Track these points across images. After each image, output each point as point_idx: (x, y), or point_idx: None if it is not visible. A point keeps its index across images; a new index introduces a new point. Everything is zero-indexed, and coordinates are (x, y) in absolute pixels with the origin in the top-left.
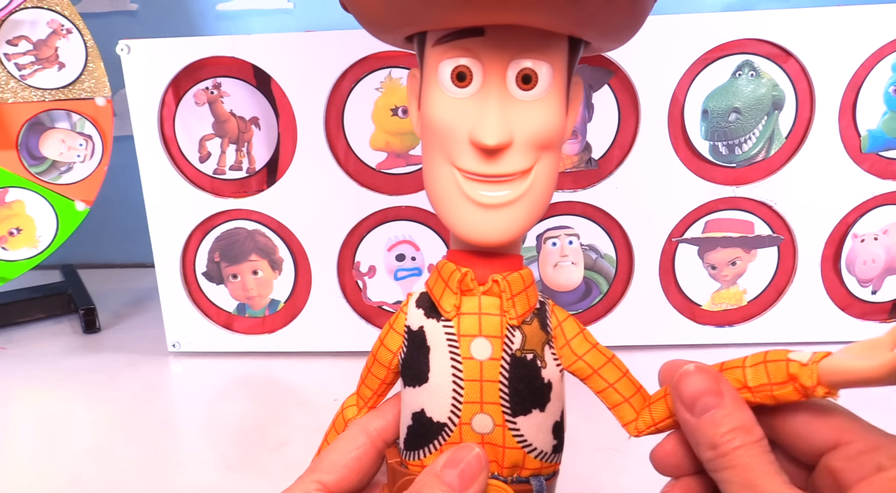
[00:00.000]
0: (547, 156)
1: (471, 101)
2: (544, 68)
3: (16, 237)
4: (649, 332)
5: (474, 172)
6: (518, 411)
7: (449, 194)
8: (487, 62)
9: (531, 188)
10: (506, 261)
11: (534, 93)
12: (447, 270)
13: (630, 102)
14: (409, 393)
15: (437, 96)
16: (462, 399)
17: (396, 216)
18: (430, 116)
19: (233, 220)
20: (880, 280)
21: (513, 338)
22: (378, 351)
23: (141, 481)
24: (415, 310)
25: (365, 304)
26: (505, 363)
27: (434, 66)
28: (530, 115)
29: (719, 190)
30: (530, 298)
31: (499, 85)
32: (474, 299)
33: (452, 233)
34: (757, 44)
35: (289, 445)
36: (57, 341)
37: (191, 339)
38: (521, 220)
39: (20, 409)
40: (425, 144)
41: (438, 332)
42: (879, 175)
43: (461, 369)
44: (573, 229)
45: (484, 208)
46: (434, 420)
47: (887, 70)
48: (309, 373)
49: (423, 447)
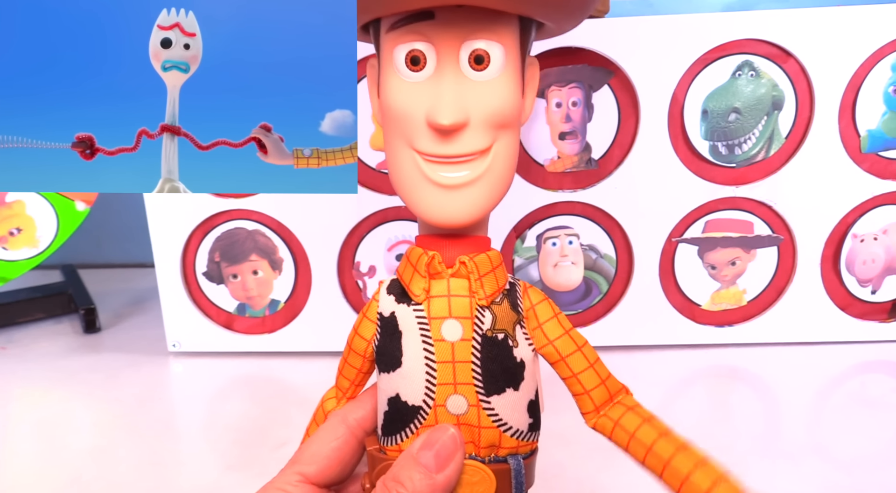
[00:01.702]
0: (505, 135)
1: (426, 84)
2: (496, 48)
3: (16, 237)
4: (649, 332)
5: (433, 153)
6: (491, 390)
7: (410, 177)
8: (440, 45)
9: (491, 168)
10: (472, 242)
11: (487, 73)
12: (415, 254)
13: (630, 102)
14: (384, 379)
15: (393, 82)
16: (435, 381)
17: (396, 216)
18: (388, 102)
19: (233, 220)
20: (880, 280)
21: (483, 318)
22: (353, 341)
23: (141, 481)
24: (386, 296)
25: (365, 304)
26: (476, 344)
27: (389, 53)
28: (485, 94)
29: (719, 190)
30: (499, 278)
31: (452, 67)
32: (443, 282)
33: (418, 217)
34: (757, 44)
35: (289, 445)
36: (57, 341)
37: (191, 339)
38: (483, 199)
39: (20, 409)
40: (386, 131)
41: (409, 316)
42: (879, 175)
43: (433, 352)
44: (573, 229)
45: (445, 189)
46: (409, 404)
47: (887, 70)
48: (309, 373)
49: (399, 432)
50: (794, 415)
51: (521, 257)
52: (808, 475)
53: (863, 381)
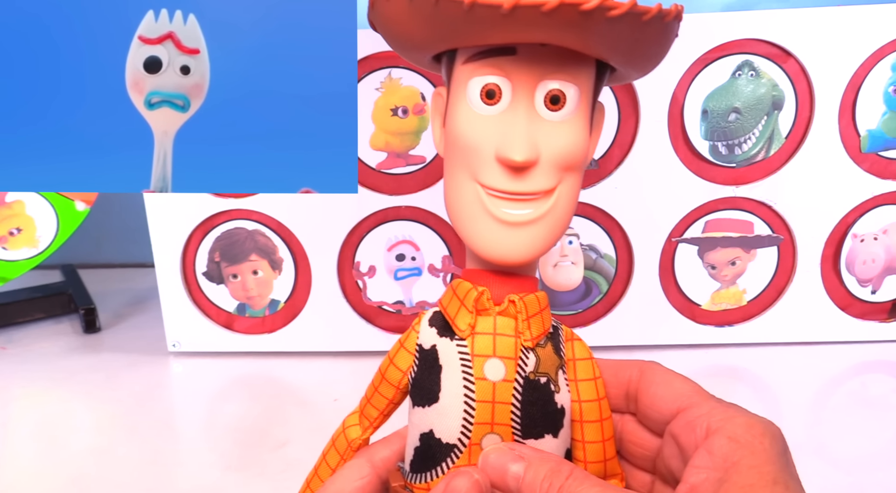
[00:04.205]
0: (570, 177)
1: (499, 118)
2: (572, 90)
3: (16, 237)
4: (649, 332)
5: (499, 188)
6: (529, 434)
7: (471, 211)
8: (517, 81)
9: (553, 208)
10: (522, 282)
11: (561, 114)
12: (463, 288)
13: (630, 101)
14: (418, 413)
15: (464, 113)
16: (473, 421)
17: (396, 216)
18: (456, 132)
19: (233, 220)
20: (880, 280)
21: (527, 360)
22: (387, 370)
23: (141, 481)
24: (427, 328)
25: (365, 304)
26: (518, 386)
27: (463, 84)
28: (556, 135)
29: (719, 190)
30: (545, 320)
31: (527, 104)
32: (489, 319)
33: (471, 251)
34: (757, 44)
35: (289, 445)
36: (57, 341)
37: (191, 339)
38: (542, 239)
39: (20, 409)
40: (448, 161)
41: (452, 351)
42: (879, 175)
43: (473, 390)
44: (573, 229)
45: (506, 226)
46: (443, 441)
47: (887, 70)
48: (309, 373)
49: (430, 469)
50: (794, 415)
51: None
52: (808, 475)
53: (863, 381)
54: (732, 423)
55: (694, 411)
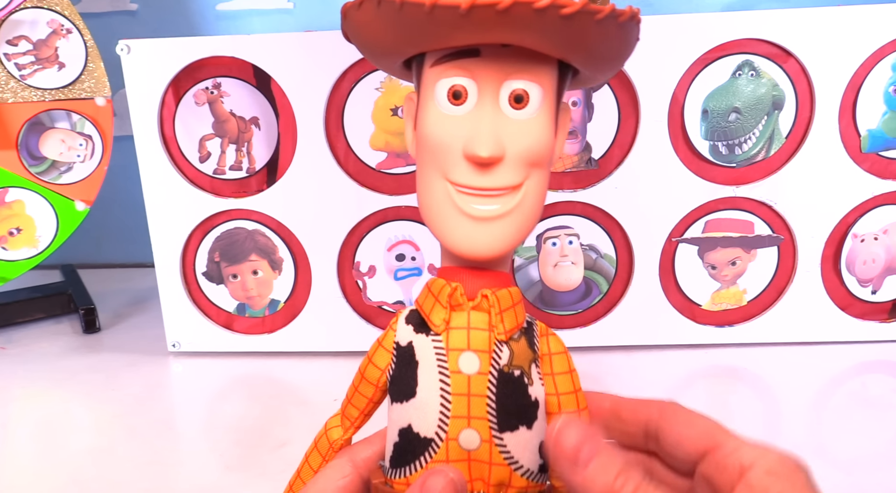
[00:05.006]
0: (536, 173)
1: (466, 117)
2: (535, 89)
3: (16, 237)
4: (649, 332)
5: (467, 185)
6: (505, 426)
7: (442, 208)
8: (482, 81)
9: (521, 203)
10: (495, 277)
11: (525, 112)
12: (437, 285)
13: (630, 101)
14: (397, 409)
15: (433, 114)
16: (449, 414)
17: (396, 216)
18: (426, 133)
19: (233, 220)
20: (880, 280)
21: (500, 353)
22: (366, 369)
23: (141, 481)
24: (404, 326)
25: (365, 304)
26: (492, 378)
27: (431, 86)
28: (521, 132)
29: (719, 190)
30: (518, 315)
31: (492, 103)
32: (463, 314)
33: (444, 247)
34: (757, 44)
35: (289, 445)
36: (57, 341)
37: (191, 339)
38: (511, 234)
39: (20, 409)
40: (420, 162)
41: (427, 346)
42: (879, 175)
43: (449, 383)
44: (573, 229)
45: (476, 221)
46: (421, 436)
47: (887, 70)
48: (309, 373)
49: (409, 464)
50: (794, 415)
51: (521, 256)
52: None
53: (863, 381)
54: (766, 458)
55: (722, 450)
